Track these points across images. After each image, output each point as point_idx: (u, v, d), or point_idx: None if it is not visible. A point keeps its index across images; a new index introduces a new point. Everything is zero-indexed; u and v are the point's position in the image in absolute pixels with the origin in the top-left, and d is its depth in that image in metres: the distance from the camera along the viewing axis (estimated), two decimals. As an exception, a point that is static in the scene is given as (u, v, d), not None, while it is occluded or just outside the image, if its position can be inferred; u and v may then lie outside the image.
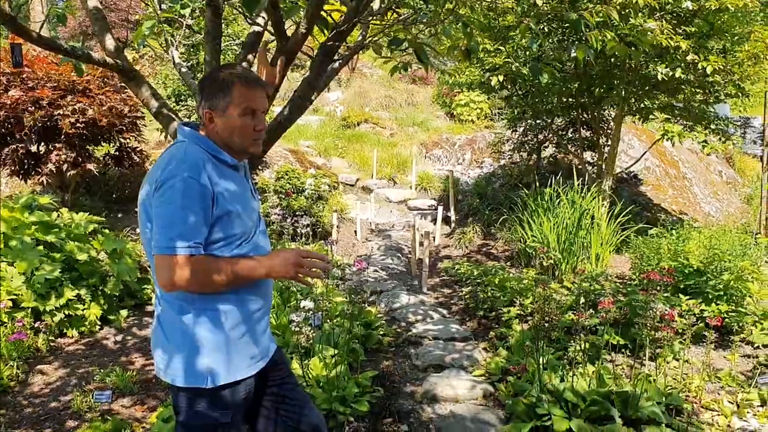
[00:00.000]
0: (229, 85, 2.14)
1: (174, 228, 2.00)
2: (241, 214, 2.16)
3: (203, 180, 2.05)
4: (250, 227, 2.23)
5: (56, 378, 4.57)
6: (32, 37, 2.69)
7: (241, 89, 2.15)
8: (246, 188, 2.27)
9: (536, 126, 10.98)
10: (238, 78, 2.16)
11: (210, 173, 2.09)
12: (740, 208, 12.06)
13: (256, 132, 2.21)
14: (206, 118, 2.18)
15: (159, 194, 2.04)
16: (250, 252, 2.21)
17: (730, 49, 7.75)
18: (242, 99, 2.15)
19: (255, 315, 2.25)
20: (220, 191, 2.09)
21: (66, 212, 6.10)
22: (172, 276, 2.00)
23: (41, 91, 6.93)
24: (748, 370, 4.77)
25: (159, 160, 2.15)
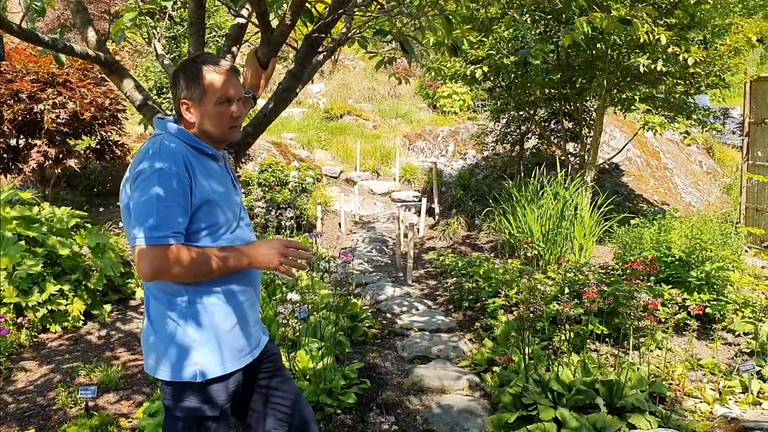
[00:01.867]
0: (203, 74, 2.13)
1: (151, 218, 1.98)
2: (221, 204, 2.15)
3: (180, 170, 2.04)
4: (232, 217, 2.21)
5: (40, 374, 4.54)
6: (13, 29, 2.65)
7: (214, 77, 2.13)
8: (227, 178, 2.26)
9: (519, 117, 11.01)
10: (210, 67, 2.14)
11: (188, 163, 2.07)
12: (720, 198, 12.20)
13: (233, 119, 2.20)
14: (183, 109, 2.16)
15: (135, 186, 2.03)
16: (236, 241, 2.20)
17: (710, 40, 7.82)
18: (217, 87, 2.14)
19: (243, 306, 2.23)
20: (199, 180, 2.09)
21: (47, 207, 6.04)
22: (152, 266, 1.98)
23: (20, 83, 6.84)
24: (730, 357, 4.84)
25: (137, 155, 2.14)
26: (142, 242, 1.97)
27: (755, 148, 8.77)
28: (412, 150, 14.20)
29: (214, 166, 2.20)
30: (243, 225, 2.28)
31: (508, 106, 10.26)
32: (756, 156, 8.76)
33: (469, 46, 7.54)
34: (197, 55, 2.27)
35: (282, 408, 2.41)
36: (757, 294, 5.78)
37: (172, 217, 2.01)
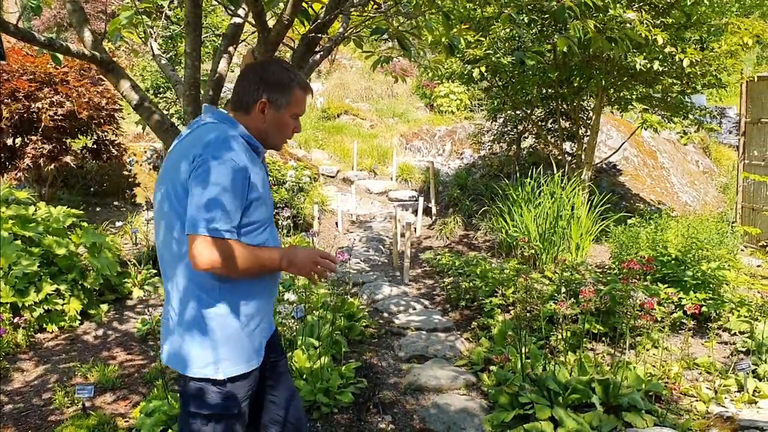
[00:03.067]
0: (293, 87, 2.23)
1: (217, 210, 2.00)
2: (265, 201, 2.21)
3: (243, 163, 2.07)
4: (268, 216, 2.27)
5: (37, 374, 4.53)
6: (9, 29, 2.65)
7: (301, 94, 2.26)
8: (266, 176, 2.33)
9: (516, 117, 11.02)
10: (300, 83, 2.25)
11: (247, 158, 2.13)
12: (717, 197, 12.22)
13: (292, 134, 2.33)
14: (258, 108, 2.21)
15: (200, 173, 2.03)
16: (269, 239, 2.24)
17: (707, 39, 7.84)
18: (298, 104, 2.26)
19: (268, 306, 2.29)
20: (253, 176, 2.13)
21: (43, 206, 6.03)
22: (211, 257, 1.99)
23: (17, 83, 6.83)
24: (726, 356, 4.85)
25: (192, 138, 2.15)
26: (205, 232, 1.99)
27: (751, 147, 8.79)
28: (409, 149, 14.20)
29: (258, 163, 2.26)
30: (273, 224, 2.34)
31: (505, 105, 10.27)
32: (752, 155, 8.78)
33: (466, 46, 7.54)
34: (287, 64, 2.33)
35: (279, 404, 2.43)
36: (752, 293, 5.80)
37: (234, 211, 2.05)
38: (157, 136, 3.25)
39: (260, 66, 2.29)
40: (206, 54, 9.98)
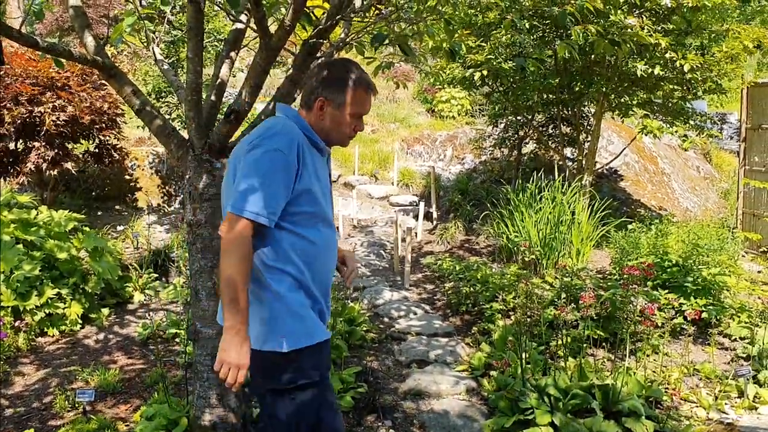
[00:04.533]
0: (353, 86, 2.28)
1: (250, 193, 2.09)
2: (317, 196, 2.26)
3: (291, 155, 2.15)
4: (326, 210, 2.33)
5: (37, 378, 4.54)
6: (12, 34, 2.67)
7: (361, 94, 2.30)
8: (327, 173, 2.41)
9: (517, 122, 11.02)
10: (362, 83, 2.30)
11: (301, 151, 2.19)
12: (718, 203, 12.21)
13: (354, 132, 2.37)
14: (317, 105, 2.29)
15: (248, 156, 2.15)
16: (319, 241, 2.28)
17: (707, 45, 7.85)
18: (358, 103, 2.30)
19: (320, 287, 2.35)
20: (306, 168, 2.20)
21: (45, 210, 6.04)
22: (228, 232, 2.10)
23: (20, 87, 6.84)
24: (726, 362, 4.85)
25: (257, 128, 2.28)
26: (234, 210, 2.09)
27: (752, 153, 8.80)
28: (410, 154, 14.20)
29: (319, 158, 2.34)
30: (330, 222, 2.38)
31: (506, 110, 10.27)
32: (753, 161, 8.78)
33: (467, 51, 7.56)
34: (349, 61, 2.37)
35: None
36: (753, 299, 5.80)
37: (270, 197, 2.11)
38: (159, 140, 3.26)
39: (324, 64, 2.36)
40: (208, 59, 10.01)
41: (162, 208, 9.24)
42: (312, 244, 2.26)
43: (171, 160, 9.55)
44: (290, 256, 2.22)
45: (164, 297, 6.41)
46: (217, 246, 3.16)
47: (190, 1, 2.86)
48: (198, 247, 3.17)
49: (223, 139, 3.14)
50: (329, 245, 2.35)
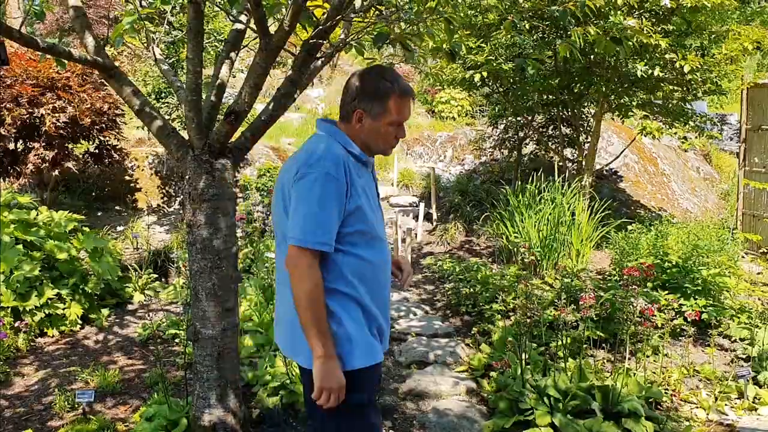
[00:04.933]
0: (388, 95, 2.25)
1: (309, 223, 2.12)
2: (368, 211, 2.27)
3: (341, 176, 2.15)
4: (376, 226, 2.34)
5: (37, 378, 4.54)
6: (12, 34, 2.67)
7: (397, 101, 2.26)
8: (372, 186, 2.39)
9: (517, 123, 11.02)
10: (397, 90, 2.25)
11: (347, 169, 2.19)
12: (717, 204, 12.21)
13: (395, 140, 2.34)
14: (356, 117, 2.28)
15: (300, 186, 2.15)
16: (374, 257, 2.30)
17: (707, 46, 7.85)
18: (395, 111, 2.26)
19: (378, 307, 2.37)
20: (354, 186, 2.21)
21: (45, 211, 6.04)
22: (297, 266, 2.12)
23: (20, 88, 6.84)
24: (726, 363, 4.85)
25: (300, 152, 2.30)
26: (298, 243, 2.12)
27: (752, 154, 8.80)
28: (410, 155, 14.20)
29: (364, 171, 2.33)
30: (381, 236, 2.38)
31: (506, 111, 10.27)
32: (753, 162, 8.78)
33: (467, 52, 7.57)
34: (386, 71, 2.33)
35: None
36: (753, 300, 5.80)
37: (326, 222, 2.14)
38: (159, 140, 3.26)
39: (358, 75, 2.34)
40: (208, 59, 10.01)
41: (162, 209, 9.24)
42: (367, 263, 2.27)
43: (171, 161, 9.56)
44: (346, 277, 2.23)
45: (164, 297, 6.41)
46: (217, 246, 3.16)
47: (190, 2, 2.86)
48: (198, 248, 3.17)
49: (223, 139, 3.14)
50: (384, 261, 2.37)
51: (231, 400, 3.32)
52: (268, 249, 7.12)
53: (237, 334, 3.38)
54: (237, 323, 3.36)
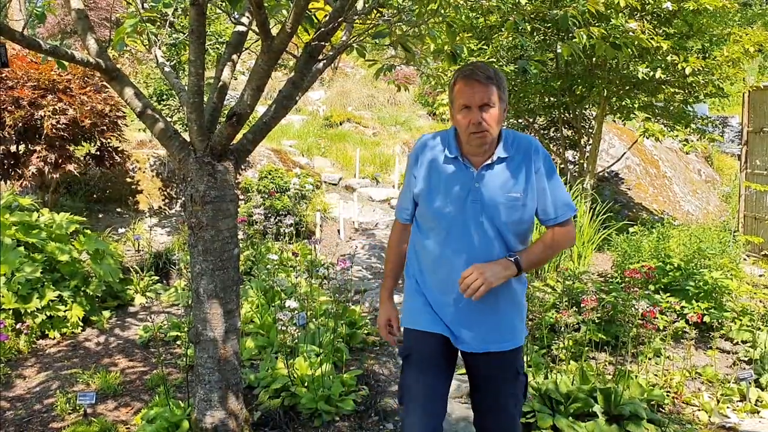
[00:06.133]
0: (454, 82, 2.33)
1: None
2: (429, 200, 2.43)
3: (412, 156, 2.50)
4: (435, 218, 2.43)
5: (38, 380, 4.53)
6: (15, 37, 2.67)
7: (461, 85, 2.30)
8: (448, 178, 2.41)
9: (518, 125, 11.02)
10: (459, 74, 2.33)
11: (428, 155, 2.45)
12: (719, 207, 12.21)
13: (472, 125, 2.28)
14: (450, 112, 2.43)
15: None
16: (434, 250, 2.45)
17: (709, 49, 7.85)
18: (460, 96, 2.30)
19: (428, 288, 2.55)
20: (418, 170, 2.47)
21: (47, 213, 6.04)
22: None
23: (21, 90, 6.84)
24: (728, 365, 4.85)
25: None
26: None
27: (753, 157, 8.80)
28: (412, 157, 14.20)
29: (448, 167, 2.42)
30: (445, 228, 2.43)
31: (507, 113, 10.27)
32: (754, 165, 8.78)
33: (469, 54, 7.57)
34: (469, 64, 2.39)
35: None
36: (755, 302, 5.79)
37: (402, 197, 2.60)
38: (161, 143, 3.26)
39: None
40: (209, 61, 10.01)
41: (163, 211, 9.24)
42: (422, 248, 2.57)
43: (173, 163, 9.56)
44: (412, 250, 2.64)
45: (165, 300, 6.41)
46: (219, 248, 3.16)
47: (193, 4, 2.86)
48: (199, 250, 3.17)
49: (225, 141, 3.14)
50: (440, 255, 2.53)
51: (232, 402, 3.32)
52: (269, 251, 7.12)
53: (239, 336, 3.38)
54: (238, 325, 3.36)
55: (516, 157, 2.38)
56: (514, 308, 2.50)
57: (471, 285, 2.24)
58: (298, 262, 6.77)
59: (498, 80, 2.29)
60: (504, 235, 2.39)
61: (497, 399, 2.54)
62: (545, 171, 2.39)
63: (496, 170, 2.37)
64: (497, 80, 2.29)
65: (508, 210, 2.36)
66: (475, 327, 2.46)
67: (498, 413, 2.54)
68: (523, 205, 2.37)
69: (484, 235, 2.37)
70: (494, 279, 2.27)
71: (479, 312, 2.43)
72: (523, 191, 2.36)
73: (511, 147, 2.40)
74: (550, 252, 2.49)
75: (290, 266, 6.71)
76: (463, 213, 2.37)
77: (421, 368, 2.50)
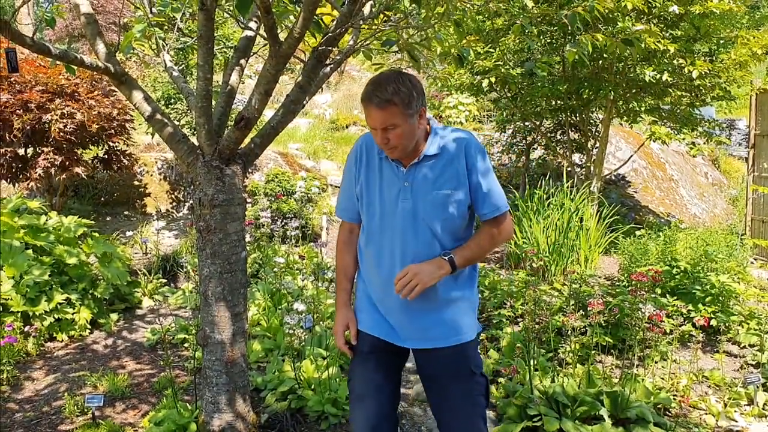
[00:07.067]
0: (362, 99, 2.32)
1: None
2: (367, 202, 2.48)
3: (353, 157, 2.53)
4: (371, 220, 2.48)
5: (47, 383, 4.56)
6: (26, 42, 2.69)
7: (364, 107, 2.30)
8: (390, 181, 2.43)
9: (525, 128, 11.03)
10: (362, 94, 2.31)
11: (367, 155, 2.50)
12: (726, 210, 12.17)
13: (381, 144, 2.34)
14: None
15: None
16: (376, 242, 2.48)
17: (716, 52, 7.84)
18: (365, 116, 2.32)
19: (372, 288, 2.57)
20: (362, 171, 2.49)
21: (55, 216, 6.07)
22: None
23: (29, 94, 6.88)
24: (735, 369, 4.83)
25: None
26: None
27: (761, 159, 8.77)
28: (418, 160, 14.21)
29: (383, 166, 2.46)
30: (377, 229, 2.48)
31: (514, 116, 10.28)
32: (762, 168, 8.76)
33: (475, 57, 7.58)
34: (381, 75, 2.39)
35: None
36: (762, 306, 5.77)
37: (342, 195, 2.63)
38: (169, 147, 3.28)
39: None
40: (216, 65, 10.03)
41: (170, 214, 9.28)
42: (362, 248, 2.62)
43: (180, 166, 9.60)
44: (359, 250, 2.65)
45: (173, 302, 6.43)
46: (227, 251, 3.18)
47: (201, 9, 2.88)
48: (207, 253, 3.18)
49: (233, 145, 3.15)
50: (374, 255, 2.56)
51: (240, 405, 3.33)
52: (276, 254, 7.14)
53: (246, 338, 3.39)
54: (246, 328, 3.38)
55: (446, 153, 2.37)
56: (457, 303, 2.45)
57: (407, 285, 2.27)
58: (304, 265, 6.79)
59: (400, 97, 2.23)
60: (436, 233, 2.38)
61: (447, 399, 2.47)
62: (479, 166, 2.37)
63: (424, 168, 2.37)
64: (399, 99, 2.23)
65: (438, 207, 2.36)
66: (416, 322, 2.46)
67: (452, 416, 2.47)
68: (455, 202, 2.35)
69: (417, 233, 2.38)
70: (428, 279, 2.28)
71: (419, 309, 2.43)
72: (453, 188, 2.35)
73: (441, 144, 2.39)
74: (487, 247, 2.47)
75: (297, 269, 6.72)
76: (394, 212, 2.40)
77: (363, 366, 2.55)
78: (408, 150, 2.35)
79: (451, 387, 2.46)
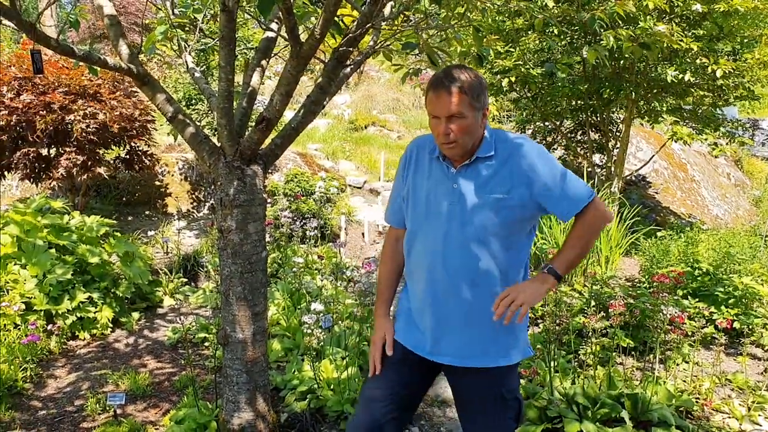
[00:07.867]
0: (427, 87, 2.23)
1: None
2: (413, 203, 2.38)
3: (403, 159, 2.46)
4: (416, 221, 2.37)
5: (69, 380, 4.61)
6: (51, 44, 2.72)
7: (430, 95, 2.21)
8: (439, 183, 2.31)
9: (545, 128, 10.99)
10: (430, 81, 2.22)
11: (417, 156, 2.42)
12: (749, 211, 12.03)
13: (441, 136, 2.21)
14: None
15: None
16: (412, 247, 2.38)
17: (739, 51, 7.75)
18: (429, 104, 2.23)
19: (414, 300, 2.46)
20: (411, 173, 2.41)
21: (77, 215, 6.14)
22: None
23: (52, 95, 6.96)
24: (759, 372, 4.77)
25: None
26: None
27: (785, 160, 8.65)
28: (437, 160, 14.18)
29: (433, 167, 2.35)
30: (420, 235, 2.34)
31: (534, 116, 10.24)
32: (786, 168, 8.64)
33: (495, 56, 7.56)
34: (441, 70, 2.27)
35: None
36: (787, 308, 5.69)
37: (392, 199, 2.53)
38: (191, 147, 3.31)
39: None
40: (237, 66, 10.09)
41: (191, 214, 9.34)
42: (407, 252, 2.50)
43: (202, 166, 9.66)
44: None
45: (193, 301, 6.47)
46: (248, 251, 3.20)
47: (223, 10, 2.90)
48: (229, 252, 3.20)
49: (254, 146, 3.17)
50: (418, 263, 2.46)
51: (260, 404, 3.34)
52: (295, 254, 7.16)
53: (266, 338, 3.41)
54: (266, 327, 3.39)
55: (499, 156, 2.23)
56: (500, 320, 2.15)
57: (509, 308, 2.09)
58: (323, 265, 6.80)
59: (470, 88, 2.14)
60: (482, 238, 2.21)
61: (474, 422, 2.37)
62: (539, 170, 2.20)
63: (476, 170, 2.24)
64: (469, 88, 2.14)
65: (490, 212, 2.19)
66: (455, 337, 2.30)
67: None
68: (506, 207, 2.19)
69: (462, 237, 2.22)
70: (532, 298, 2.12)
71: (458, 322, 2.28)
72: (505, 192, 2.19)
73: (496, 146, 2.25)
74: (586, 241, 2.26)
75: (316, 269, 6.74)
76: (439, 214, 2.26)
77: (383, 371, 2.46)
78: (466, 148, 2.21)
79: (481, 410, 2.36)
